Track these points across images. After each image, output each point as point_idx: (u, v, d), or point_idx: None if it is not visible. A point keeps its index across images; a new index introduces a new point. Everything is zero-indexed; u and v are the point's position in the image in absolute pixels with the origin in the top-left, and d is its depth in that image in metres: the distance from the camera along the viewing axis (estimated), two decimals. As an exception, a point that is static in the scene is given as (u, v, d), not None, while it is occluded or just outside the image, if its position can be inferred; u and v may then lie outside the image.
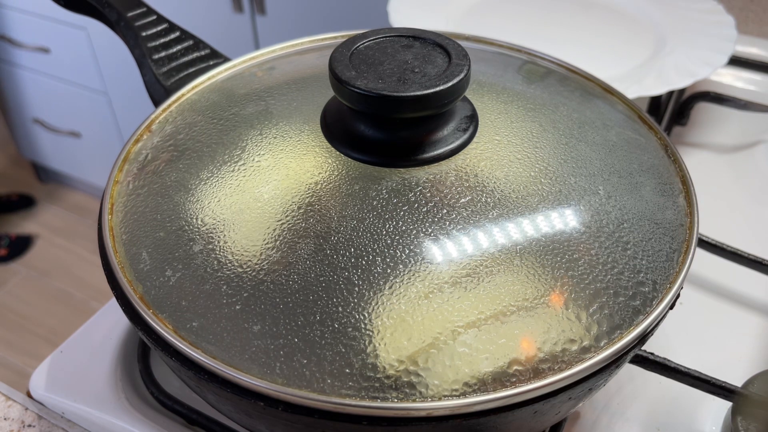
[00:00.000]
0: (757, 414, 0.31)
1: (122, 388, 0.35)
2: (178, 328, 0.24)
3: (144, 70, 0.38)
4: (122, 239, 0.27)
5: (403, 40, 0.29)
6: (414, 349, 0.23)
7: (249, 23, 1.12)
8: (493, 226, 0.26)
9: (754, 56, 0.59)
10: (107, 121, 1.44)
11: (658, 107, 0.52)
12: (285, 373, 0.23)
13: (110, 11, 0.40)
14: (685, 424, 0.34)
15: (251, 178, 0.28)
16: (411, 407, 0.22)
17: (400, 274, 0.24)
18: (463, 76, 0.27)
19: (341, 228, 0.26)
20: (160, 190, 0.29)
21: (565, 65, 0.37)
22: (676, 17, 0.57)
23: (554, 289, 0.25)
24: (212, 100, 0.33)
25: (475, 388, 0.23)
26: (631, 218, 0.28)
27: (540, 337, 0.24)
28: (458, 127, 0.28)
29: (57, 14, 1.29)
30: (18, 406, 0.35)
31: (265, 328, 0.24)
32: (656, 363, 0.30)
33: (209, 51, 0.39)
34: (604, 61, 0.53)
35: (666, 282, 0.26)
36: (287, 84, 0.34)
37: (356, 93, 0.26)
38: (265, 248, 0.25)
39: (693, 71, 0.49)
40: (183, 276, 0.25)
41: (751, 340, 0.38)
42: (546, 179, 0.28)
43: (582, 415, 0.34)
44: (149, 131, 0.33)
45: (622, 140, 0.32)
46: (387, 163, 0.27)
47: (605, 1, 0.61)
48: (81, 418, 0.34)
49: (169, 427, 0.33)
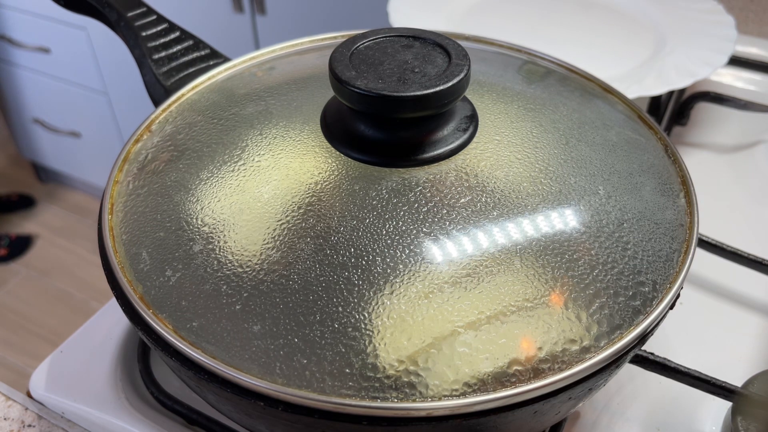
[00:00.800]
0: (757, 414, 0.31)
1: (122, 388, 0.35)
2: (178, 328, 0.24)
3: (144, 70, 0.38)
4: (122, 239, 0.27)
5: (403, 40, 0.29)
6: (414, 349, 0.23)
7: (249, 23, 1.12)
8: (493, 226, 0.26)
9: (754, 56, 0.59)
10: (107, 121, 1.44)
11: (658, 107, 0.52)
12: (285, 373, 0.23)
13: (110, 11, 0.40)
14: (685, 424, 0.34)
15: (251, 178, 0.28)
16: (411, 407, 0.22)
17: (400, 274, 0.24)
18: (463, 76, 0.27)
19: (341, 228, 0.26)
20: (160, 190, 0.29)
21: (565, 65, 0.37)
22: (676, 17, 0.57)
23: (554, 289, 0.25)
24: (212, 100, 0.33)
25: (475, 388, 0.23)
26: (631, 218, 0.28)
27: (540, 337, 0.24)
28: (458, 127, 0.28)
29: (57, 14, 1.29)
30: (18, 406, 0.35)
31: (265, 328, 0.24)
32: (656, 363, 0.30)
33: (209, 51, 0.39)
34: (604, 61, 0.53)
35: (666, 282, 0.26)
36: (287, 84, 0.34)
37: (356, 93, 0.26)
38: (265, 248, 0.25)
39: (693, 71, 0.49)
40: (183, 276, 0.25)
41: (751, 340, 0.38)
42: (546, 179, 0.28)
43: (582, 415, 0.34)
44: (149, 131, 0.33)
45: (622, 140, 0.32)
46: (387, 163, 0.27)
47: (605, 1, 0.61)
48: (81, 418, 0.34)
49: (169, 427, 0.33)
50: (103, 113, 1.43)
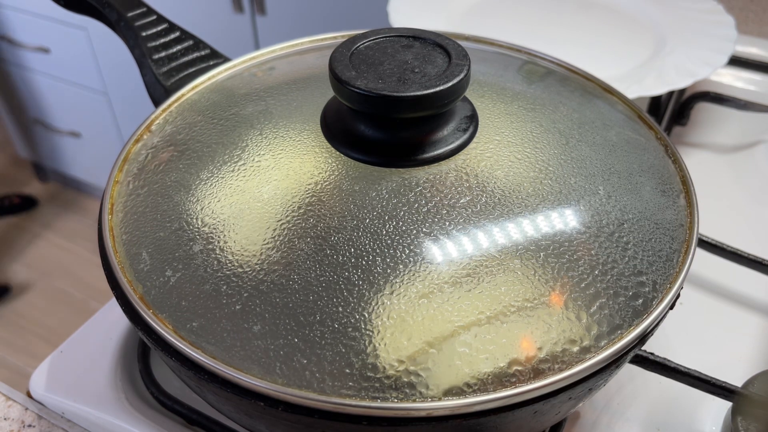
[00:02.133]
0: (757, 414, 0.31)
1: (122, 388, 0.35)
2: (178, 328, 0.24)
3: (144, 70, 0.38)
4: (122, 239, 0.27)
5: (403, 40, 0.29)
6: (414, 349, 0.23)
7: (249, 23, 1.12)
8: (493, 227, 0.26)
9: (754, 56, 0.59)
10: (107, 121, 1.44)
11: (658, 107, 0.52)
12: (285, 373, 0.23)
13: (110, 11, 0.40)
14: (685, 424, 0.34)
15: (251, 178, 0.28)
16: (411, 407, 0.22)
17: (400, 274, 0.24)
18: (463, 76, 0.27)
19: (341, 228, 0.26)
20: (160, 190, 0.29)
21: (565, 65, 0.37)
22: (676, 17, 0.57)
23: (554, 289, 0.25)
24: (212, 100, 0.33)
25: (475, 388, 0.23)
26: (631, 218, 0.28)
27: (540, 337, 0.24)
28: (458, 127, 0.28)
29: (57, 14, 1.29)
30: (18, 406, 0.35)
31: (265, 328, 0.24)
32: (656, 363, 0.30)
33: (209, 51, 0.39)
34: (604, 61, 0.53)
35: (666, 282, 0.26)
36: (287, 84, 0.34)
37: (356, 93, 0.26)
38: (265, 248, 0.25)
39: (693, 71, 0.49)
40: (183, 276, 0.25)
41: (751, 340, 0.38)
42: (546, 179, 0.28)
43: (582, 415, 0.34)
44: (149, 131, 0.33)
45: (622, 140, 0.32)
46: (387, 163, 0.27)
47: (605, 1, 0.61)
48: (81, 418, 0.34)
49: (169, 427, 0.33)
50: (103, 113, 1.43)
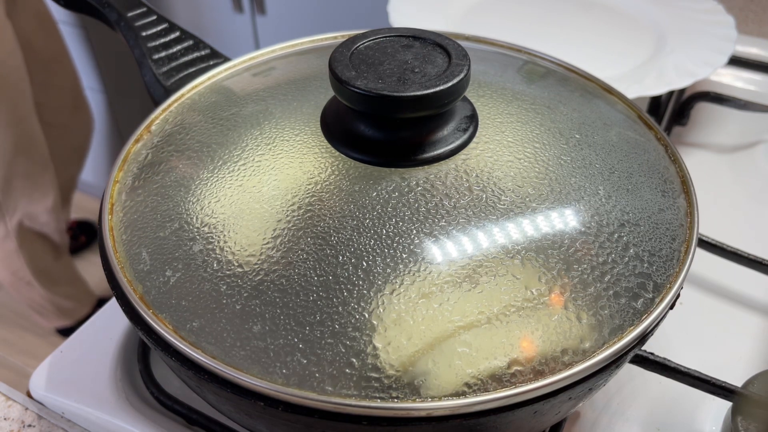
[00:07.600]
0: (757, 414, 0.31)
1: (122, 388, 0.35)
2: (178, 328, 0.24)
3: (144, 70, 0.38)
4: (122, 239, 0.27)
5: (403, 40, 0.29)
6: (414, 349, 0.23)
7: (249, 23, 1.12)
8: (493, 226, 0.26)
9: (754, 56, 0.59)
10: (107, 121, 1.44)
11: (658, 107, 0.52)
12: (285, 373, 0.23)
13: (110, 11, 0.40)
14: (685, 424, 0.34)
15: (251, 178, 0.28)
16: (411, 407, 0.22)
17: (400, 274, 0.24)
18: (463, 76, 0.27)
19: (341, 228, 0.26)
20: (160, 190, 0.29)
21: (565, 65, 0.37)
22: (676, 17, 0.57)
23: (554, 289, 0.25)
24: (212, 100, 0.33)
25: (475, 388, 0.23)
26: (631, 218, 0.28)
27: (540, 337, 0.24)
28: (458, 127, 0.28)
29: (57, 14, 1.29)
30: (18, 406, 0.35)
31: (265, 328, 0.24)
32: (656, 363, 0.30)
33: (209, 51, 0.39)
34: (604, 61, 0.53)
35: (666, 282, 0.26)
36: (287, 84, 0.34)
37: (356, 93, 0.26)
38: (265, 248, 0.25)
39: (693, 71, 0.49)
40: (183, 276, 0.25)
41: (751, 340, 0.38)
42: (546, 179, 0.28)
43: (582, 415, 0.34)
44: (149, 131, 0.33)
45: (622, 140, 0.32)
46: (387, 163, 0.27)
47: (605, 1, 0.61)
48: (81, 418, 0.34)
49: (169, 427, 0.33)
50: (103, 113, 1.43)
